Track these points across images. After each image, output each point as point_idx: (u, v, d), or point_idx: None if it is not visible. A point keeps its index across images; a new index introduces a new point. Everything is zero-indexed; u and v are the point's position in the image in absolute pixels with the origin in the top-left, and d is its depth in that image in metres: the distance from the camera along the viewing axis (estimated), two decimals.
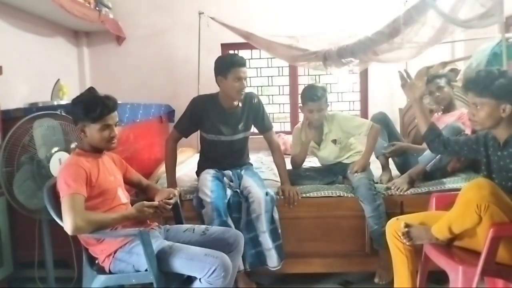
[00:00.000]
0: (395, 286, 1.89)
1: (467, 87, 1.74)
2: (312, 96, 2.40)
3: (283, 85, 4.40)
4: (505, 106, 1.62)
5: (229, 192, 2.33)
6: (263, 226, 2.20)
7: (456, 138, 1.96)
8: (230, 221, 2.19)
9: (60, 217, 1.67)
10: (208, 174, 2.34)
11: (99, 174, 1.75)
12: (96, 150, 1.81)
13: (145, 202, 1.80)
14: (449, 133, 2.16)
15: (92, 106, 1.71)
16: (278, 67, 4.35)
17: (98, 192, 1.72)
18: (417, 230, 1.75)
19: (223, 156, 2.47)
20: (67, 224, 1.58)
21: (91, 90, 1.84)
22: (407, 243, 1.75)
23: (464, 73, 2.98)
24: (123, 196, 1.87)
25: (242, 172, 2.46)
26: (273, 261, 2.22)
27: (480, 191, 1.49)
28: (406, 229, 1.75)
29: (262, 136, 2.58)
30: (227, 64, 2.30)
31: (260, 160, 3.34)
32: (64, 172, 1.67)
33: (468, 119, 1.87)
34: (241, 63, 2.30)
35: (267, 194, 2.25)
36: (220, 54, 4.01)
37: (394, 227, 1.83)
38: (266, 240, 2.21)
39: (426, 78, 2.29)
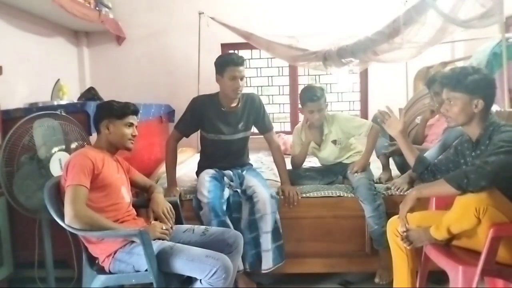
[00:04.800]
0: (394, 284, 1.89)
1: (442, 83, 1.77)
2: (312, 97, 2.40)
3: (283, 85, 4.41)
4: (477, 101, 1.64)
5: (228, 191, 2.32)
6: (267, 226, 2.21)
7: (439, 159, 1.95)
8: (228, 221, 2.19)
9: (60, 217, 1.68)
10: (207, 175, 2.34)
11: (106, 168, 1.80)
12: (111, 150, 1.89)
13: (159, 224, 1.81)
14: (451, 134, 2.16)
15: (120, 105, 1.90)
16: (278, 67, 4.35)
17: (102, 185, 1.76)
18: (416, 232, 1.75)
19: (223, 156, 2.47)
20: (66, 212, 1.64)
21: (91, 90, 1.85)
22: (408, 247, 1.76)
23: None
24: (127, 195, 1.90)
25: (244, 172, 2.46)
26: (267, 263, 2.21)
27: (478, 194, 1.49)
28: (405, 233, 1.75)
29: (262, 136, 2.58)
30: (224, 63, 2.31)
31: (260, 160, 3.34)
32: (72, 162, 1.73)
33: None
34: (237, 62, 2.31)
35: (272, 196, 2.26)
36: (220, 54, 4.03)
37: (395, 225, 1.83)
38: (266, 241, 2.21)
39: (404, 112, 2.21)
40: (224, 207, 2.22)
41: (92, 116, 1.96)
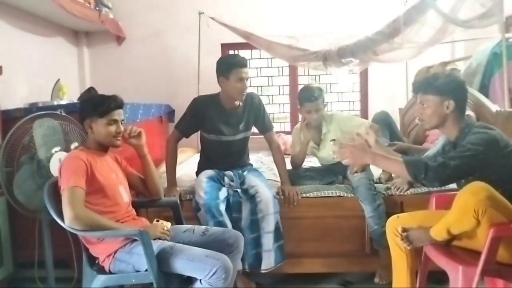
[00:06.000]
0: (394, 284, 1.89)
1: (416, 88, 1.82)
2: (309, 97, 2.40)
3: (283, 85, 4.40)
4: (448, 102, 1.70)
5: (225, 191, 2.31)
6: (270, 226, 2.21)
7: (427, 155, 1.92)
8: (227, 220, 2.19)
9: (60, 217, 1.68)
10: (204, 176, 2.33)
11: (100, 169, 1.78)
12: (101, 149, 1.85)
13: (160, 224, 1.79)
14: None
15: (100, 101, 1.80)
16: (278, 67, 4.35)
17: (98, 186, 1.74)
18: (416, 232, 1.75)
19: (224, 156, 2.47)
20: (66, 215, 1.62)
21: (91, 90, 1.84)
22: (408, 247, 1.76)
23: (464, 73, 2.98)
24: (125, 194, 1.88)
25: (245, 172, 2.46)
26: (268, 262, 2.21)
27: (476, 195, 1.49)
28: (405, 233, 1.75)
29: (262, 136, 2.58)
30: (229, 65, 2.30)
31: (260, 160, 3.34)
32: (65, 165, 1.71)
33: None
34: (243, 63, 2.31)
35: (274, 196, 2.26)
36: (220, 54, 4.03)
37: (394, 225, 1.83)
38: (268, 241, 2.21)
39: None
40: (222, 207, 2.21)
41: None
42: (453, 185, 2.27)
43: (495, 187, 1.52)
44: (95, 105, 1.80)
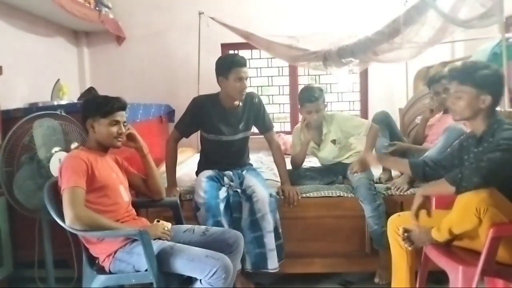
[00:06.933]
0: (393, 283, 1.89)
1: (451, 76, 1.73)
2: (310, 97, 2.40)
3: (283, 85, 4.41)
4: (485, 97, 1.61)
5: (224, 191, 2.31)
6: (270, 225, 2.20)
7: (444, 155, 1.91)
8: (224, 221, 2.18)
9: (60, 217, 1.68)
10: (203, 176, 2.33)
11: (100, 168, 1.78)
12: (101, 149, 1.85)
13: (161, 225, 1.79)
14: (451, 134, 2.16)
15: (104, 101, 1.82)
16: (278, 67, 4.35)
17: (99, 186, 1.74)
18: (417, 233, 1.74)
19: (224, 156, 2.47)
20: (66, 215, 1.62)
21: (91, 90, 1.84)
22: (409, 248, 1.76)
23: None
24: (125, 194, 1.89)
25: (244, 172, 2.46)
26: (273, 262, 2.21)
27: (478, 194, 1.49)
28: (406, 234, 1.75)
29: (262, 136, 2.58)
30: (228, 65, 2.30)
31: (260, 160, 3.34)
32: (65, 165, 1.71)
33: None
34: (242, 63, 2.31)
35: (271, 195, 2.25)
36: (220, 54, 4.02)
37: (395, 223, 1.83)
38: (271, 240, 2.20)
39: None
40: (221, 207, 2.21)
41: None
42: None
43: (506, 187, 1.51)
44: (98, 105, 1.81)
